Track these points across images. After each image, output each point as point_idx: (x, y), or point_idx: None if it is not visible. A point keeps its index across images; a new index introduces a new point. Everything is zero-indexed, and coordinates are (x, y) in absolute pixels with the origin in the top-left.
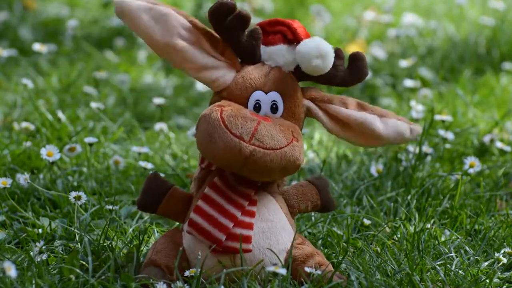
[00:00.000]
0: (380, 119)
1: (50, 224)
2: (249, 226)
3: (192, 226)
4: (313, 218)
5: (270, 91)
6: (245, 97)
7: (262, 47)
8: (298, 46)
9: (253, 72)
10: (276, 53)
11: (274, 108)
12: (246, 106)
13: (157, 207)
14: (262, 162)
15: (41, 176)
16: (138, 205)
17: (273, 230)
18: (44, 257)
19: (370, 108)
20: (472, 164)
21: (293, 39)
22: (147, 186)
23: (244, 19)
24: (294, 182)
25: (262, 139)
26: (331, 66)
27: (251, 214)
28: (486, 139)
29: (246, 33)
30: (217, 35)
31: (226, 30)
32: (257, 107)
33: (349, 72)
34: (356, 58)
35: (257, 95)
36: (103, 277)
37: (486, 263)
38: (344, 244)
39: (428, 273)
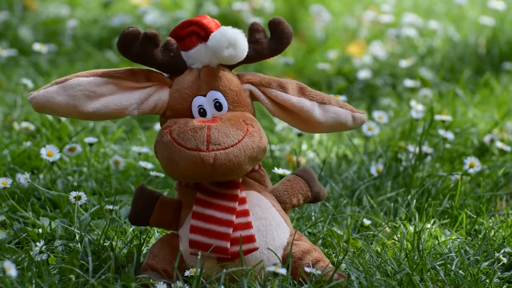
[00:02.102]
0: (319, 105)
1: (50, 224)
2: (248, 226)
3: (194, 246)
4: (313, 218)
5: (207, 91)
6: (187, 108)
7: (183, 53)
8: (207, 42)
9: (184, 81)
10: (197, 54)
11: (218, 106)
12: (191, 116)
13: (148, 218)
14: (227, 162)
15: (41, 176)
16: (130, 220)
17: (268, 228)
18: (44, 257)
19: (310, 93)
20: (472, 164)
21: (206, 35)
22: (135, 200)
23: (152, 38)
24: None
25: (218, 141)
26: (245, 50)
27: (245, 213)
28: (486, 139)
29: (160, 49)
30: (132, 68)
31: (141, 56)
32: (202, 112)
33: (274, 40)
34: (274, 24)
35: (198, 101)
36: (103, 277)
37: (486, 263)
38: (344, 244)
39: (428, 273)
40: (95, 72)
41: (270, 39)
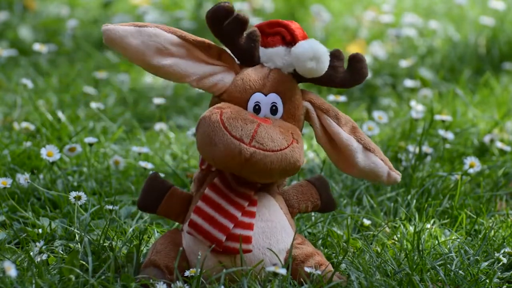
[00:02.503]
0: (363, 150)
1: (50, 224)
2: (249, 227)
3: (192, 226)
4: (313, 218)
5: (269, 93)
6: (245, 99)
7: (261, 48)
8: (293, 48)
9: (252, 74)
10: (275, 55)
11: (274, 110)
12: (245, 108)
13: (157, 207)
14: (262, 164)
15: (41, 176)
16: (138, 205)
17: (273, 230)
18: (44, 257)
19: (360, 136)
20: (472, 164)
21: (291, 41)
22: (147, 187)
23: (242, 22)
24: (294, 182)
25: (262, 141)
26: (326, 68)
27: (251, 215)
28: (486, 139)
29: (245, 35)
30: (209, 42)
31: (225, 33)
32: (256, 109)
33: (349, 74)
34: (355, 60)
35: (257, 97)
36: (103, 277)
37: (486, 263)
38: (344, 244)
39: (428, 273)
40: (174, 31)
41: (345, 71)
